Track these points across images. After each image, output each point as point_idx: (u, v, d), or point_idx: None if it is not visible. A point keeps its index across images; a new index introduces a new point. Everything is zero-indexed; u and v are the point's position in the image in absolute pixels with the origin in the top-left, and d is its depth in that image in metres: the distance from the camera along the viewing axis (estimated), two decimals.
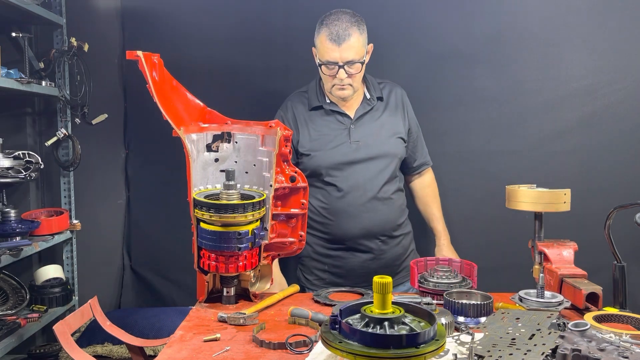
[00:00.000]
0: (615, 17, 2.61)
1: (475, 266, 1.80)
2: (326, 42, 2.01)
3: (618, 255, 1.64)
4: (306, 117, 2.19)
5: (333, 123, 2.17)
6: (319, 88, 2.21)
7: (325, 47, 2.02)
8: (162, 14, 2.76)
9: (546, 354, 1.11)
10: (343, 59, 2.01)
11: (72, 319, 1.66)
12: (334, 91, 2.10)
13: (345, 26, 2.00)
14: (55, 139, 2.79)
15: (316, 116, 2.18)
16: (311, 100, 2.20)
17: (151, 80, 1.70)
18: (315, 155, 2.13)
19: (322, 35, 2.03)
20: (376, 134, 2.16)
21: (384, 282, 1.08)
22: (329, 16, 2.05)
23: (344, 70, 2.03)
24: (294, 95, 2.26)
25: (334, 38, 2.00)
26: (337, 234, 2.14)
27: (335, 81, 2.06)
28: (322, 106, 2.18)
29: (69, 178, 2.88)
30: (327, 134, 2.15)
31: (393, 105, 2.23)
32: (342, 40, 1.99)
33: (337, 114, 2.17)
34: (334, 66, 2.03)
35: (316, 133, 2.16)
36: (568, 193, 1.71)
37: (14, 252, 2.38)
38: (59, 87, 2.77)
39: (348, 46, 2.00)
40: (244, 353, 1.37)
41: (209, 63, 2.74)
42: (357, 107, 2.18)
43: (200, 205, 1.66)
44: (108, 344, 2.51)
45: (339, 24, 2.01)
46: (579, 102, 2.65)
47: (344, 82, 2.06)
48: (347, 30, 2.00)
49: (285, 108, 2.23)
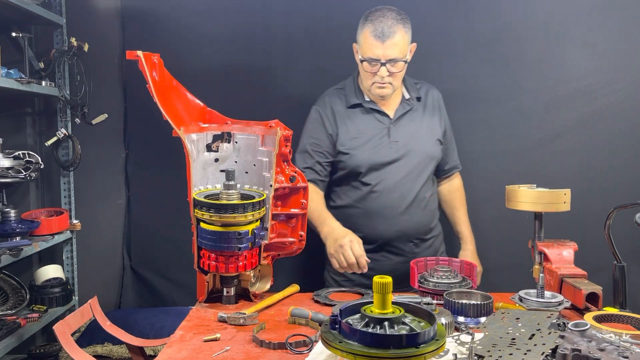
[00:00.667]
0: (615, 17, 2.61)
1: (475, 266, 1.80)
2: (370, 39, 1.98)
3: (618, 255, 1.64)
4: (345, 115, 2.14)
5: (372, 122, 2.13)
6: (356, 85, 2.17)
7: (368, 44, 1.99)
8: (162, 14, 2.76)
9: (546, 354, 1.11)
10: (386, 57, 1.98)
11: (72, 319, 1.66)
12: (373, 89, 2.07)
13: (391, 23, 1.97)
14: (55, 139, 2.79)
15: (355, 114, 2.14)
16: (349, 98, 2.16)
17: (151, 80, 1.70)
18: (355, 154, 2.09)
19: (366, 31, 2.00)
20: (415, 135, 2.13)
21: (384, 282, 1.08)
22: (374, 12, 2.02)
23: (385, 68, 2.00)
24: (330, 92, 2.22)
25: (378, 35, 1.97)
26: (371, 236, 2.09)
27: (375, 79, 2.04)
28: (362, 104, 2.14)
29: (69, 178, 2.88)
30: (367, 133, 2.11)
31: (430, 106, 2.20)
32: (387, 38, 1.96)
33: (376, 112, 2.13)
34: (376, 63, 2.00)
35: (356, 131, 2.11)
36: (568, 193, 1.71)
37: (14, 252, 2.38)
38: (59, 87, 2.77)
39: (392, 44, 1.97)
40: (244, 353, 1.37)
41: (209, 63, 2.74)
42: (395, 107, 2.15)
43: (200, 205, 1.66)
44: (108, 344, 2.51)
45: (384, 20, 1.98)
46: (579, 102, 2.65)
47: (385, 80, 2.02)
48: (392, 28, 1.97)
49: (323, 104, 2.19)
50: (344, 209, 2.15)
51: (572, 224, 2.23)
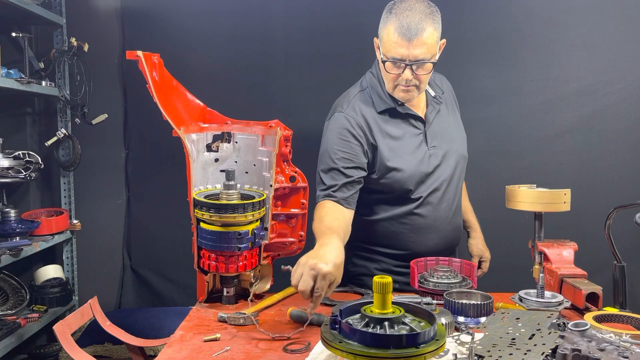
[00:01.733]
0: (615, 17, 2.62)
1: (475, 266, 1.80)
2: (394, 36, 1.68)
3: (618, 255, 1.64)
4: (379, 122, 1.83)
5: (409, 129, 1.86)
6: (383, 87, 1.86)
7: (391, 42, 1.69)
8: (162, 14, 2.76)
9: (546, 354, 1.11)
10: (412, 57, 1.69)
11: (72, 319, 1.66)
12: (396, 92, 1.80)
13: (419, 18, 1.67)
14: (55, 139, 2.79)
15: (389, 121, 1.84)
16: (378, 101, 1.85)
17: (151, 80, 1.70)
18: (402, 169, 1.81)
19: (389, 27, 1.70)
20: (447, 137, 1.92)
21: (384, 282, 1.08)
22: (399, 4, 1.72)
23: (410, 70, 1.72)
24: (355, 96, 1.89)
25: (404, 32, 1.66)
26: (421, 251, 1.86)
27: (399, 81, 1.75)
28: (395, 109, 1.84)
29: (69, 178, 2.88)
30: (406, 142, 1.83)
31: (449, 99, 2.00)
32: (414, 36, 1.66)
33: (411, 117, 1.86)
34: (400, 64, 1.72)
35: (394, 142, 1.82)
36: (568, 193, 1.71)
37: (14, 252, 2.38)
38: (59, 87, 2.77)
39: (420, 42, 1.67)
40: (244, 353, 1.37)
41: (209, 63, 2.74)
42: (424, 108, 1.91)
43: (200, 205, 1.66)
44: (108, 344, 2.52)
45: (411, 14, 1.67)
46: (579, 102, 2.65)
47: (410, 83, 1.75)
48: (421, 24, 1.67)
49: (352, 111, 1.84)
50: (385, 222, 1.89)
51: (572, 224, 2.23)
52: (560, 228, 2.05)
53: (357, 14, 2.71)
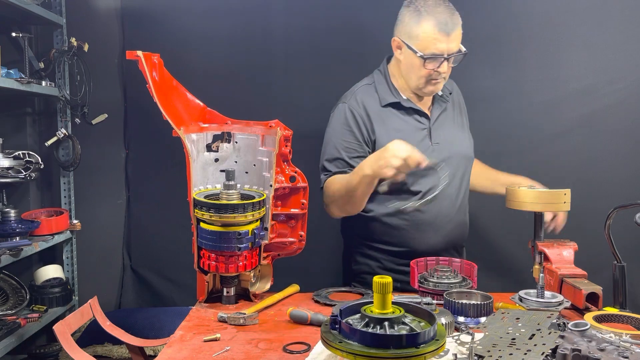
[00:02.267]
0: (615, 17, 2.62)
1: (475, 266, 1.79)
2: (433, 32, 1.76)
3: (618, 255, 1.64)
4: (381, 115, 1.90)
5: (412, 123, 1.92)
6: (389, 82, 1.95)
7: (431, 38, 1.76)
8: (162, 14, 2.76)
9: (546, 354, 1.11)
10: (450, 50, 1.79)
11: (72, 319, 1.66)
12: (427, 87, 1.86)
13: (450, 14, 1.78)
14: (55, 139, 2.79)
15: (391, 114, 1.91)
16: (383, 95, 1.92)
17: (151, 80, 1.70)
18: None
19: (426, 25, 1.77)
20: (452, 135, 1.96)
21: (384, 282, 1.08)
22: (425, 3, 1.80)
23: (447, 64, 1.81)
24: (360, 89, 1.96)
25: (443, 27, 1.75)
26: (421, 248, 1.89)
27: (433, 75, 1.83)
28: (400, 103, 1.91)
29: (69, 178, 2.88)
30: (408, 136, 1.82)
31: (456, 101, 2.07)
32: (451, 30, 1.76)
33: (415, 112, 1.92)
34: (439, 59, 1.79)
35: (395, 134, 1.83)
36: (568, 193, 1.71)
37: (14, 252, 2.38)
38: (59, 87, 2.77)
39: (456, 36, 1.79)
40: (244, 353, 1.37)
41: (209, 63, 2.74)
42: (430, 105, 1.97)
43: (200, 205, 1.66)
44: (108, 344, 2.52)
45: (442, 11, 1.77)
46: (579, 102, 2.65)
47: (442, 75, 1.83)
48: (454, 19, 1.78)
49: (355, 103, 1.92)
50: (385, 218, 1.92)
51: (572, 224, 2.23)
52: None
53: (357, 13, 2.71)
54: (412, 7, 1.83)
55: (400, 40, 1.86)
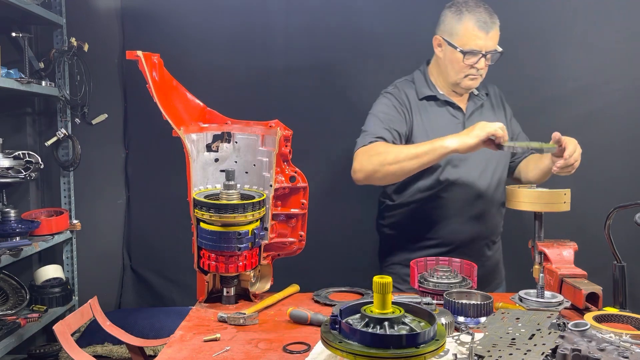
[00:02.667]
0: (615, 17, 2.61)
1: (475, 266, 1.79)
2: (473, 30, 1.93)
3: (618, 255, 1.64)
4: (418, 106, 2.05)
5: (446, 115, 2.06)
6: (427, 78, 2.10)
7: (471, 35, 1.93)
8: (162, 14, 2.76)
9: (546, 354, 1.11)
10: (487, 48, 1.95)
11: (72, 319, 1.66)
12: (465, 81, 2.00)
13: (490, 14, 1.95)
14: (55, 139, 2.79)
15: (427, 106, 2.06)
16: (421, 89, 2.07)
17: (151, 80, 1.70)
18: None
19: (467, 22, 1.94)
20: None
21: (384, 282, 1.08)
22: (466, 4, 1.97)
23: (484, 60, 1.97)
24: (399, 82, 2.13)
25: (482, 25, 1.93)
26: (445, 237, 2.02)
27: (470, 71, 1.98)
28: (436, 96, 2.06)
29: (69, 178, 2.88)
30: (441, 126, 2.00)
31: (495, 102, 2.17)
32: (490, 28, 1.94)
33: (450, 106, 2.06)
34: (477, 54, 1.95)
35: (430, 124, 2.02)
36: (568, 193, 1.71)
37: (14, 252, 2.38)
38: (59, 87, 2.77)
39: (494, 34, 1.95)
40: (244, 353, 1.37)
41: (209, 63, 2.74)
42: (466, 102, 2.10)
43: (200, 205, 1.66)
44: (108, 344, 2.52)
45: (482, 11, 1.94)
46: (578, 102, 2.65)
47: (480, 72, 1.99)
48: (492, 19, 1.95)
49: (396, 91, 2.08)
50: (411, 205, 2.06)
51: (572, 224, 2.23)
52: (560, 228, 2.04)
53: (357, 13, 2.71)
54: (454, 7, 2.00)
55: (441, 38, 2.01)
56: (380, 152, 1.87)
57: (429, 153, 1.80)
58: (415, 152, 1.82)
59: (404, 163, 1.83)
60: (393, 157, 1.83)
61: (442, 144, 1.78)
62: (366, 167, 1.89)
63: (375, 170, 1.86)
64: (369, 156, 1.89)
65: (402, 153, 1.84)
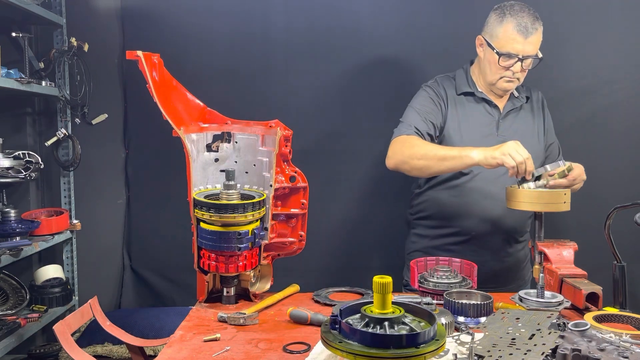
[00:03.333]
0: (615, 17, 2.61)
1: (475, 266, 1.80)
2: (512, 33, 1.95)
3: (618, 255, 1.64)
4: (455, 100, 2.11)
5: (482, 112, 2.11)
6: (468, 75, 2.15)
7: (509, 38, 1.96)
8: (162, 14, 2.76)
9: (546, 354, 1.11)
10: (524, 52, 1.97)
11: (72, 319, 1.66)
12: (500, 83, 2.05)
13: (532, 19, 1.96)
14: (55, 139, 2.79)
15: (465, 102, 2.12)
16: (460, 85, 2.13)
17: (151, 80, 1.70)
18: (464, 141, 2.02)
19: (507, 25, 1.97)
20: (521, 134, 2.06)
21: (384, 282, 1.08)
22: (512, 7, 1.99)
23: (520, 64, 1.99)
24: (440, 77, 2.19)
25: (522, 30, 1.95)
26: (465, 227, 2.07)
27: (506, 73, 2.02)
28: (474, 93, 2.12)
29: (69, 178, 2.88)
30: (475, 122, 2.08)
31: (535, 106, 2.19)
32: (530, 34, 1.95)
33: (486, 103, 2.11)
34: (513, 58, 1.98)
35: (465, 117, 2.08)
36: (568, 193, 1.71)
37: (14, 252, 2.38)
38: (59, 87, 2.77)
39: (533, 40, 1.97)
40: (244, 353, 1.37)
41: (209, 63, 2.74)
42: (504, 103, 2.14)
43: (200, 205, 1.66)
44: (108, 344, 2.52)
45: (525, 15, 1.96)
46: (579, 102, 2.65)
47: (515, 75, 2.01)
48: (534, 24, 1.96)
49: (435, 84, 2.15)
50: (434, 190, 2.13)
51: (572, 224, 2.23)
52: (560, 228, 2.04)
53: (356, 14, 2.71)
54: (499, 10, 2.02)
55: (483, 39, 2.06)
56: (413, 145, 1.93)
57: (455, 159, 1.86)
58: (443, 155, 1.88)
59: (430, 162, 1.89)
60: (422, 154, 1.90)
61: (469, 154, 1.82)
62: (397, 156, 1.97)
63: (404, 161, 1.94)
64: (402, 147, 1.96)
65: (431, 152, 1.90)
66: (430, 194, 2.14)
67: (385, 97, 2.68)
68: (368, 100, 2.73)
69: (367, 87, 2.72)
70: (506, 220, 2.05)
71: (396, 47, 2.69)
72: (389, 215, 2.72)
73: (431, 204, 2.14)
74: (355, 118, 2.74)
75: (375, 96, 2.72)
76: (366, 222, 2.79)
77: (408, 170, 1.96)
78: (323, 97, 2.74)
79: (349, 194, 2.79)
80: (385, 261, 2.72)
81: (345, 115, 2.74)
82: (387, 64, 2.69)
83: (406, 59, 2.69)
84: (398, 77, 2.66)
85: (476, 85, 2.13)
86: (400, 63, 2.69)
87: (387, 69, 2.69)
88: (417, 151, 1.91)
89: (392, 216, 2.67)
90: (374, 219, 2.77)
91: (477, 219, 2.06)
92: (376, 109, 2.70)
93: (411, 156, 1.92)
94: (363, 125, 2.71)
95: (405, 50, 2.69)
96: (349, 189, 2.79)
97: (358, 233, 2.79)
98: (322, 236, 2.68)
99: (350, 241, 2.80)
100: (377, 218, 2.77)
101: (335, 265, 2.77)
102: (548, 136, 2.21)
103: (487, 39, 2.04)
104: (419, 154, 1.90)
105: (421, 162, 1.91)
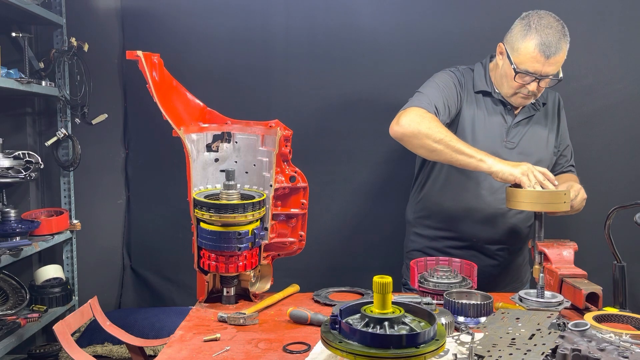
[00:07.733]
0: (615, 17, 2.61)
1: (475, 266, 1.80)
2: (533, 51, 1.82)
3: (618, 255, 1.64)
4: (472, 95, 2.02)
5: (496, 113, 2.00)
6: (487, 74, 2.04)
7: (530, 56, 1.83)
8: (162, 14, 2.76)
9: (546, 354, 1.11)
10: (544, 73, 1.84)
11: (72, 319, 1.66)
12: (514, 98, 1.95)
13: (558, 37, 1.82)
14: (55, 139, 2.79)
15: (481, 99, 2.01)
16: (478, 83, 2.02)
17: (151, 80, 1.70)
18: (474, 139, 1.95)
19: (530, 42, 1.83)
20: (532, 140, 2.02)
21: (384, 282, 1.08)
22: (539, 20, 1.84)
23: (537, 84, 1.87)
24: (462, 68, 2.07)
25: (544, 49, 1.81)
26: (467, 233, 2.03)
27: (521, 89, 1.90)
28: (491, 93, 2.01)
29: (69, 178, 2.88)
30: (487, 123, 1.98)
31: (550, 111, 2.11)
32: (552, 54, 1.81)
33: (502, 105, 2.00)
34: (531, 77, 1.86)
35: (479, 116, 1.98)
36: (568, 193, 1.71)
37: (14, 252, 2.38)
38: (59, 87, 2.77)
39: (555, 61, 1.83)
40: (244, 353, 1.37)
41: (209, 63, 2.74)
42: (520, 107, 2.03)
43: (200, 205, 1.66)
44: (108, 344, 2.52)
45: (551, 33, 1.81)
46: (579, 102, 2.64)
47: (531, 92, 1.90)
48: (559, 43, 1.82)
49: (459, 72, 2.04)
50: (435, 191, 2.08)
51: (572, 224, 2.23)
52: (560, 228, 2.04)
53: (356, 14, 2.71)
54: (525, 20, 1.88)
55: (504, 47, 1.93)
56: (431, 125, 1.80)
57: (470, 158, 1.77)
58: (460, 148, 1.78)
59: (445, 149, 1.79)
60: (440, 138, 1.78)
61: (485, 160, 1.76)
62: (412, 127, 1.82)
63: (416, 136, 1.81)
64: (421, 120, 1.82)
65: (449, 140, 1.79)
66: (431, 194, 2.11)
67: (385, 97, 2.68)
68: (368, 100, 2.73)
69: (367, 87, 2.72)
70: (508, 229, 2.03)
71: (396, 47, 2.69)
72: (389, 215, 2.71)
73: (432, 204, 2.11)
74: (355, 118, 2.74)
75: (375, 96, 2.71)
76: (366, 222, 2.79)
77: (416, 146, 1.84)
78: (323, 97, 2.74)
79: (349, 194, 2.79)
80: (385, 261, 2.72)
81: (345, 115, 2.74)
82: (387, 64, 2.69)
83: (406, 59, 2.69)
84: (398, 77, 2.66)
85: (494, 85, 2.03)
86: (400, 63, 2.69)
87: (387, 69, 2.69)
88: (434, 133, 1.79)
89: (392, 216, 2.67)
90: (374, 219, 2.77)
91: (479, 226, 2.03)
92: (376, 109, 2.69)
93: (427, 135, 1.79)
94: (363, 125, 2.71)
95: (405, 50, 2.69)
96: (349, 189, 2.79)
97: (358, 233, 2.79)
98: (322, 236, 2.68)
99: (350, 241, 2.79)
100: (377, 218, 2.77)
101: (335, 265, 2.77)
102: (562, 140, 2.13)
103: (508, 50, 1.91)
104: (436, 137, 1.78)
105: (435, 145, 1.79)
